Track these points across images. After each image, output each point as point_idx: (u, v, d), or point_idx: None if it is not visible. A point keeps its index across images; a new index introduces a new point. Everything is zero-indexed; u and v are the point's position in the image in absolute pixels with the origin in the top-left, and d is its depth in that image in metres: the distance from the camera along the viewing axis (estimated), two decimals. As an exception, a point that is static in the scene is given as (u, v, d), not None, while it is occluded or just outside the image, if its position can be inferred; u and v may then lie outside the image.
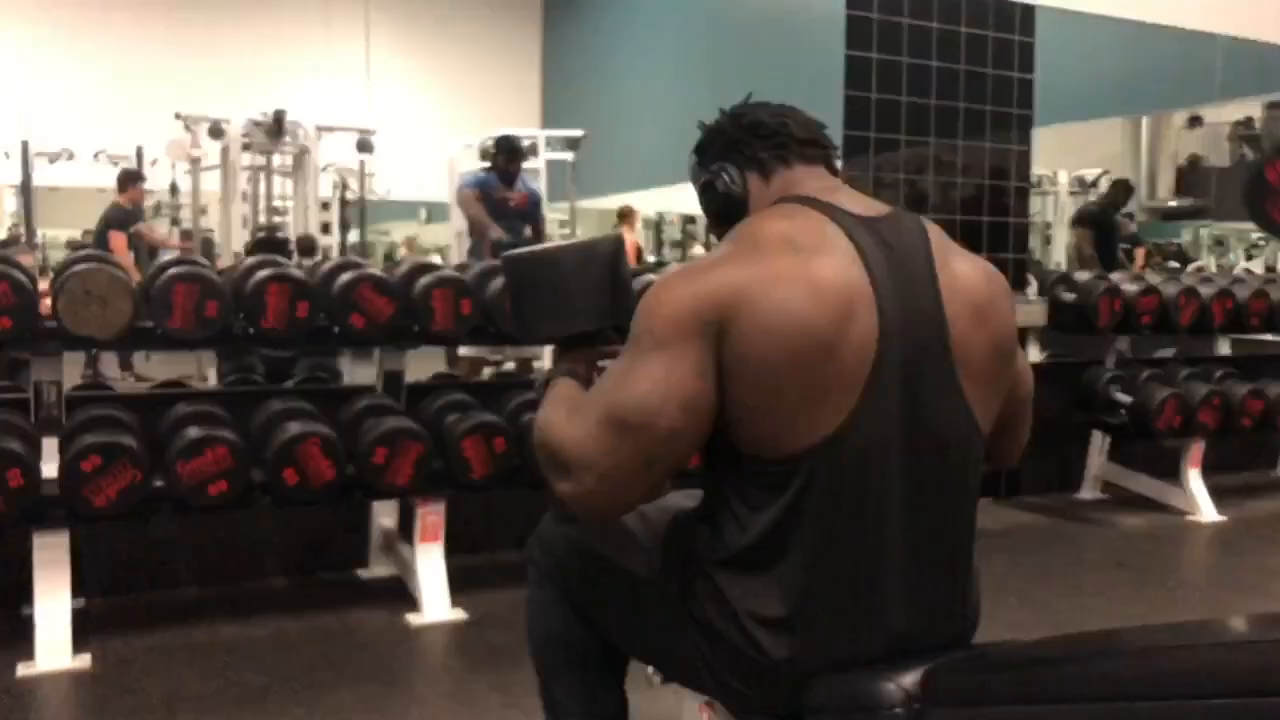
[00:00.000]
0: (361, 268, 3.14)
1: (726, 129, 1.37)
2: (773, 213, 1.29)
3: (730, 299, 1.18)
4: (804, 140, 1.35)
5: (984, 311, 1.27)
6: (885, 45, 4.16)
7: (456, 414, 3.12)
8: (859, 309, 1.19)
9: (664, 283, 1.26)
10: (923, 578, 1.26)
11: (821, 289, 1.18)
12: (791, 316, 1.16)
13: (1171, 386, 4.25)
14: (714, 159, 1.38)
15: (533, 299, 1.49)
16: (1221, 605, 3.21)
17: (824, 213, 1.25)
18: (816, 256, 1.20)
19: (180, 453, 2.63)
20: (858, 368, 1.18)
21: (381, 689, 2.48)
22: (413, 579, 3.05)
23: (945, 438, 1.25)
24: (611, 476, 1.21)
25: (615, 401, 1.22)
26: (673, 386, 1.19)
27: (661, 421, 1.19)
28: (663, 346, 1.20)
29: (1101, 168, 10.93)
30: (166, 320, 2.75)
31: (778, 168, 1.34)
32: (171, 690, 2.44)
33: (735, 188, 1.35)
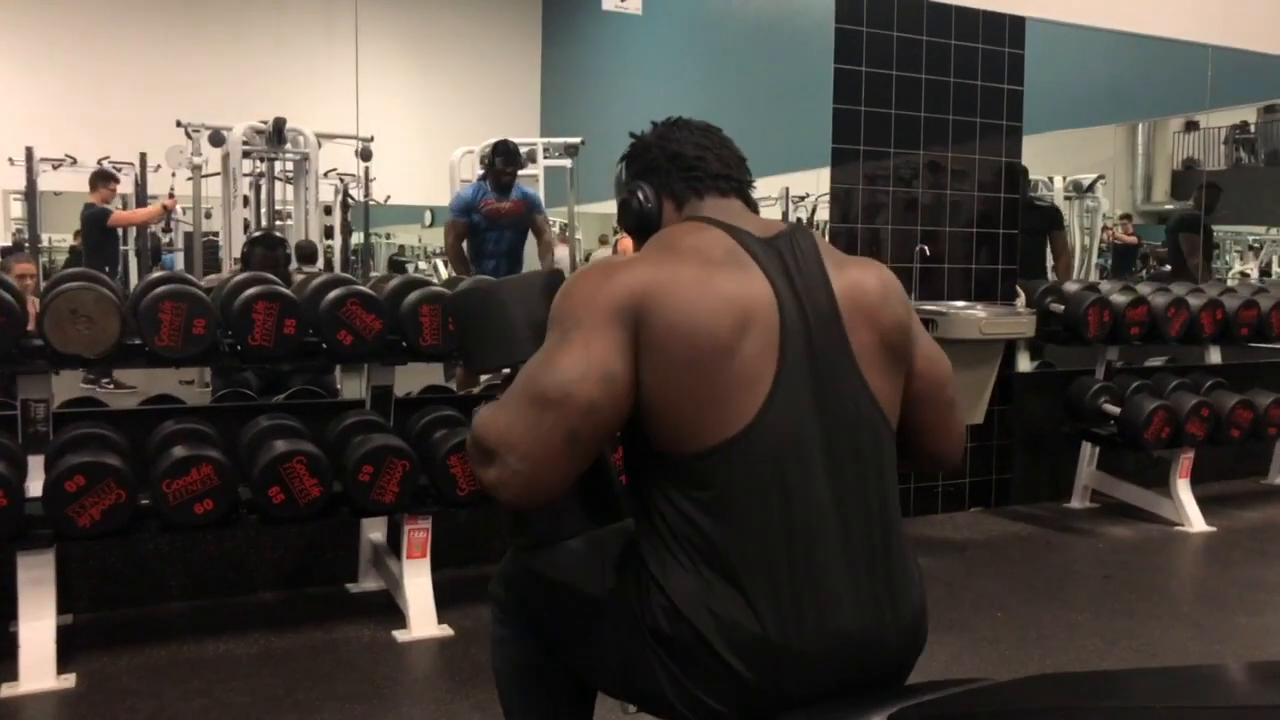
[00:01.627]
0: (350, 284, 3.15)
1: (652, 150, 1.48)
2: (684, 227, 1.40)
3: (643, 293, 1.27)
4: (717, 174, 1.45)
5: (875, 308, 1.37)
6: (874, 59, 4.17)
7: (444, 430, 3.14)
8: (760, 314, 1.28)
9: (581, 275, 1.34)
10: (860, 569, 1.30)
11: (725, 296, 1.28)
12: (696, 319, 1.25)
13: (1160, 398, 4.26)
14: (635, 175, 1.49)
15: (475, 331, 1.55)
16: (1207, 621, 3.22)
17: (727, 231, 1.36)
18: (722, 268, 1.31)
19: (166, 472, 2.65)
20: (762, 367, 1.27)
21: (366, 708, 2.49)
22: (400, 594, 3.06)
23: (855, 423, 1.32)
24: (533, 454, 1.24)
25: (535, 380, 1.27)
26: (592, 360, 1.25)
27: (581, 393, 1.24)
28: (580, 327, 1.27)
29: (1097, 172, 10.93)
30: (154, 338, 2.76)
31: (690, 197, 1.45)
32: (156, 710, 2.46)
33: (650, 209, 1.46)
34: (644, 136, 1.52)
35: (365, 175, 9.64)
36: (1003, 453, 4.57)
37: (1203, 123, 11.62)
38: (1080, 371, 4.57)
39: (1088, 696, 1.18)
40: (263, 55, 12.10)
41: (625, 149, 1.55)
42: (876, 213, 4.25)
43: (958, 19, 4.32)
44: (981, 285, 4.47)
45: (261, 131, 8.18)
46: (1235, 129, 11.50)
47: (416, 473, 2.90)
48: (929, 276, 4.32)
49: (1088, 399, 4.33)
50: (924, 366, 1.45)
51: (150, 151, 9.62)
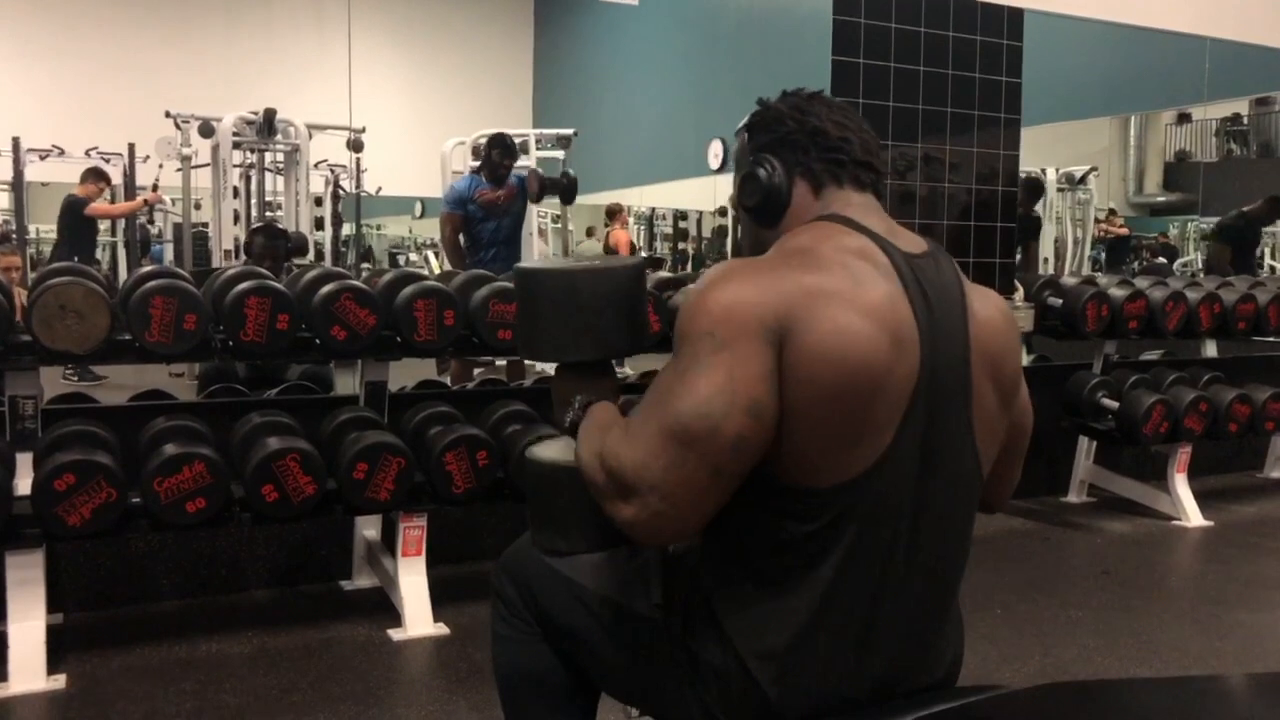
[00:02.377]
0: (343, 279, 3.11)
1: (786, 121, 1.30)
2: (823, 229, 1.23)
3: (789, 308, 1.13)
4: (861, 162, 1.29)
5: (1000, 359, 1.26)
6: (872, 51, 4.13)
7: (439, 427, 3.10)
8: (906, 344, 1.16)
9: (722, 279, 1.17)
10: (913, 624, 1.25)
11: (879, 318, 1.14)
12: (850, 342, 1.12)
13: (1159, 392, 4.25)
14: (764, 147, 1.30)
15: (541, 318, 1.43)
16: (1206, 618, 3.20)
17: (874, 241, 1.21)
18: (872, 283, 1.16)
19: (157, 470, 2.60)
20: (898, 405, 1.15)
21: (360, 709, 2.46)
22: (395, 593, 3.03)
23: (954, 485, 1.24)
24: (677, 495, 1.14)
25: (675, 411, 1.13)
26: (738, 390, 1.11)
27: (728, 428, 1.11)
28: (724, 348, 1.12)
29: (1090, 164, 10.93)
30: (144, 333, 2.71)
31: (829, 184, 1.28)
32: (148, 712, 2.42)
33: (780, 185, 1.28)
34: (774, 104, 1.33)
35: (356, 166, 9.59)
36: (999, 447, 4.54)
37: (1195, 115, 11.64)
38: (1077, 365, 4.56)
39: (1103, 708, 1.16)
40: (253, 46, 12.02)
41: (748, 117, 1.36)
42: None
43: (956, 10, 4.28)
44: (979, 278, 4.43)
45: (252, 122, 8.12)
46: (1227, 121, 11.53)
47: (411, 470, 2.87)
48: (926, 270, 4.30)
49: (1086, 393, 4.32)
50: (1019, 419, 1.36)
51: (139, 142, 9.55)
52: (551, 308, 1.42)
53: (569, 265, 1.47)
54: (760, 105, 1.35)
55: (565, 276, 1.43)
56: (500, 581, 1.54)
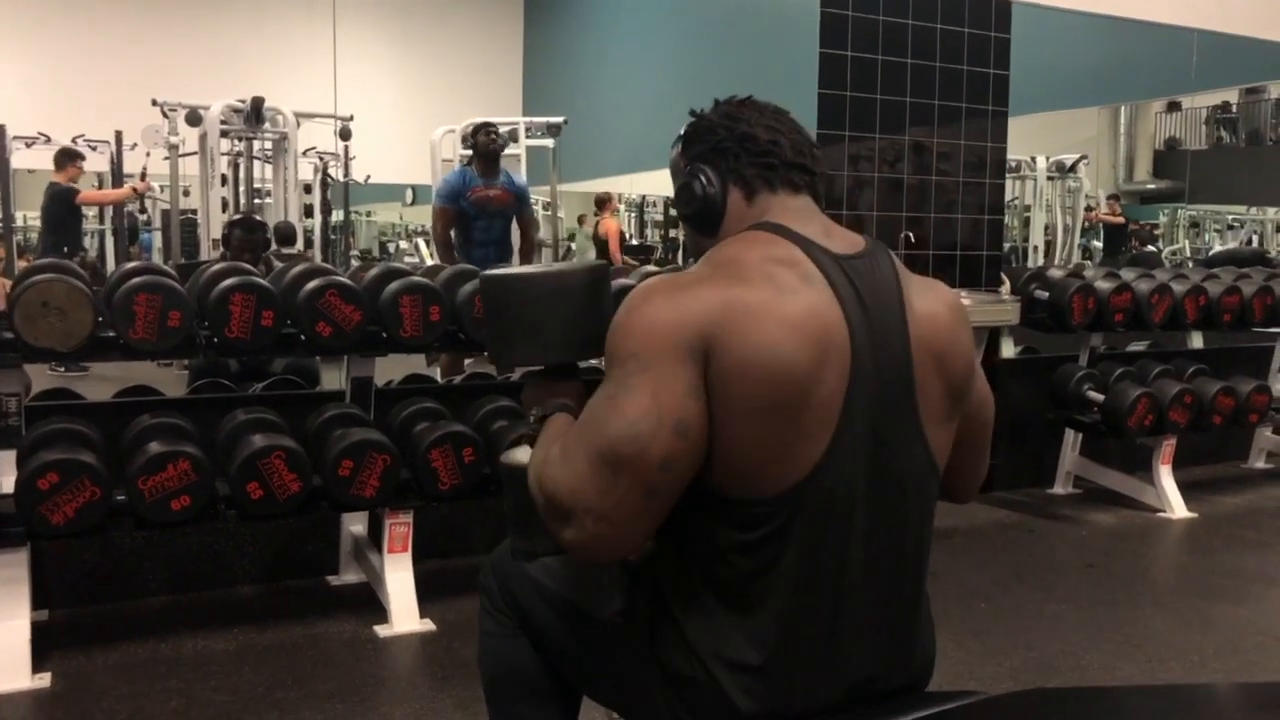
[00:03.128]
0: (329, 274, 3.10)
1: (717, 130, 1.31)
2: (752, 239, 1.24)
3: (712, 325, 1.14)
4: (793, 164, 1.30)
5: (946, 354, 1.27)
6: (860, 43, 4.13)
7: (425, 423, 3.10)
8: (834, 351, 1.17)
9: (643, 300, 1.19)
10: (881, 625, 1.26)
11: (801, 328, 1.15)
12: (772, 355, 1.13)
13: (1144, 385, 4.26)
14: (698, 157, 1.32)
15: (503, 323, 1.44)
16: (1189, 611, 3.23)
17: (801, 247, 1.22)
18: (796, 293, 1.17)
19: (142, 468, 2.60)
20: (830, 411, 1.17)
21: (347, 707, 2.46)
22: (381, 588, 3.03)
23: (906, 480, 1.24)
24: (611, 517, 1.15)
25: (604, 435, 1.15)
26: (665, 410, 1.13)
27: (656, 449, 1.13)
28: (649, 368, 1.14)
29: (1080, 152, 10.95)
30: (128, 330, 2.70)
31: (761, 189, 1.29)
32: (134, 710, 2.42)
33: (714, 195, 1.30)
34: (706, 114, 1.35)
35: (345, 154, 9.56)
36: (986, 439, 4.56)
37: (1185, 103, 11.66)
38: (1064, 357, 4.58)
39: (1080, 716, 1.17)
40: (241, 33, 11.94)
41: (684, 127, 1.37)
42: (861, 198, 4.22)
43: (944, 3, 4.28)
44: (966, 271, 4.45)
45: (239, 111, 8.08)
46: (1217, 109, 11.55)
47: (397, 467, 2.87)
48: (913, 263, 4.29)
49: (1071, 386, 4.33)
50: (975, 410, 1.36)
51: (126, 130, 9.49)
52: (503, 314, 1.43)
53: (529, 270, 1.47)
54: (692, 116, 1.37)
55: (522, 281, 1.44)
56: (487, 579, 1.56)
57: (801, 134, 1.33)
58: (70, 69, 11.26)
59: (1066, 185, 10.78)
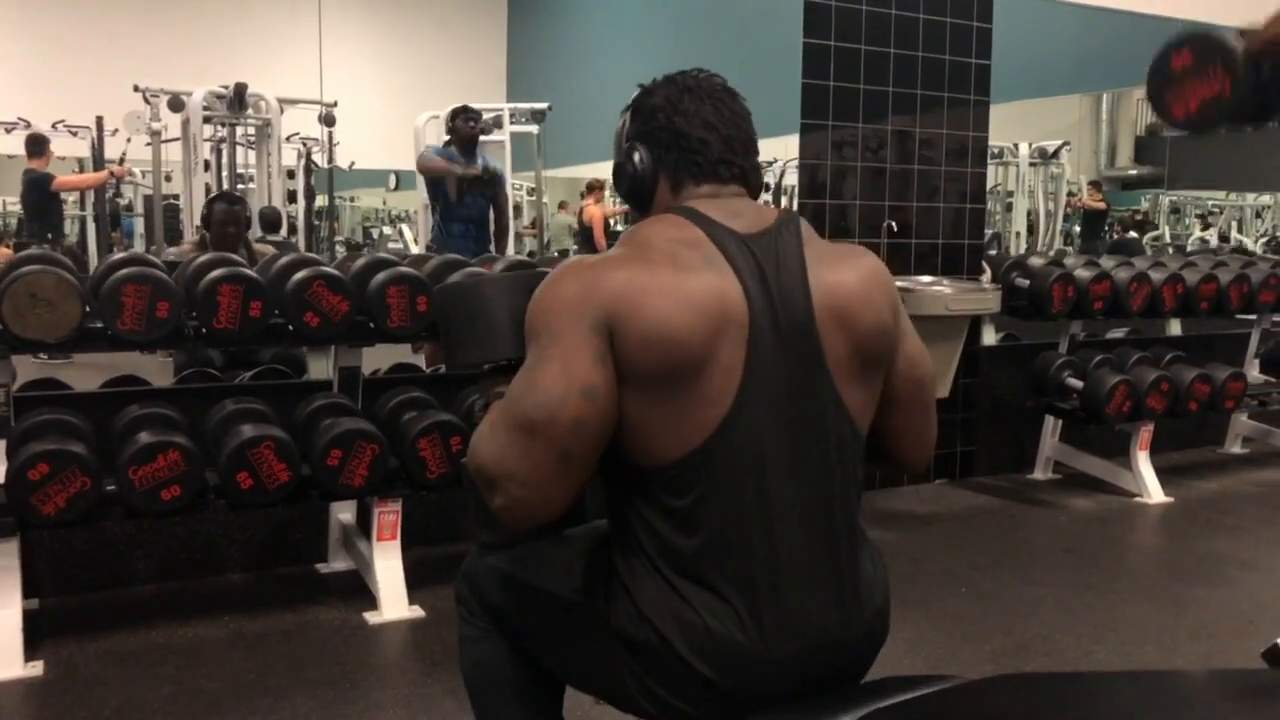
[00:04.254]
0: (316, 265, 3.11)
1: (658, 115, 1.40)
2: (663, 223, 1.35)
3: (615, 302, 1.24)
4: (719, 160, 1.39)
5: (852, 314, 1.33)
6: (843, 33, 4.15)
7: (413, 412, 3.13)
8: (730, 323, 1.26)
9: (554, 279, 1.30)
10: (821, 576, 1.31)
11: (697, 304, 1.25)
12: (668, 329, 1.23)
13: (1122, 372, 4.33)
14: (638, 135, 1.42)
15: (457, 327, 1.52)
16: (1164, 594, 3.29)
17: (705, 229, 1.31)
18: (695, 272, 1.27)
19: (132, 458, 2.62)
20: (730, 378, 1.26)
21: (337, 694, 2.50)
22: (371, 576, 3.06)
23: (823, 437, 1.31)
24: (531, 480, 1.25)
25: (520, 404, 1.26)
26: (573, 376, 1.23)
27: (566, 413, 1.22)
28: (558, 340, 1.25)
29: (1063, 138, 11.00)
30: (116, 321, 2.72)
31: (686, 182, 1.39)
32: (126, 698, 2.45)
33: (644, 176, 1.41)
34: (654, 93, 1.42)
35: (329, 140, 9.52)
36: (967, 425, 4.62)
37: (1167, 90, 11.71)
38: (1044, 345, 4.63)
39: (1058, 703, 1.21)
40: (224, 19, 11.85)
41: (631, 98, 1.46)
42: (844, 188, 4.25)
43: (927, -7, 4.31)
44: (948, 260, 4.50)
45: (222, 97, 8.04)
46: (1198, 96, 11.59)
47: (385, 456, 2.90)
48: (896, 251, 4.34)
49: (1051, 373, 4.39)
50: (904, 367, 1.42)
51: (107, 115, 9.43)
52: (451, 319, 1.53)
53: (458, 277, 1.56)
54: (641, 89, 1.45)
55: (452, 288, 1.56)
56: (460, 587, 1.60)
57: (739, 126, 1.41)
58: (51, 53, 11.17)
59: (1049, 171, 10.84)
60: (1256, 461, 5.05)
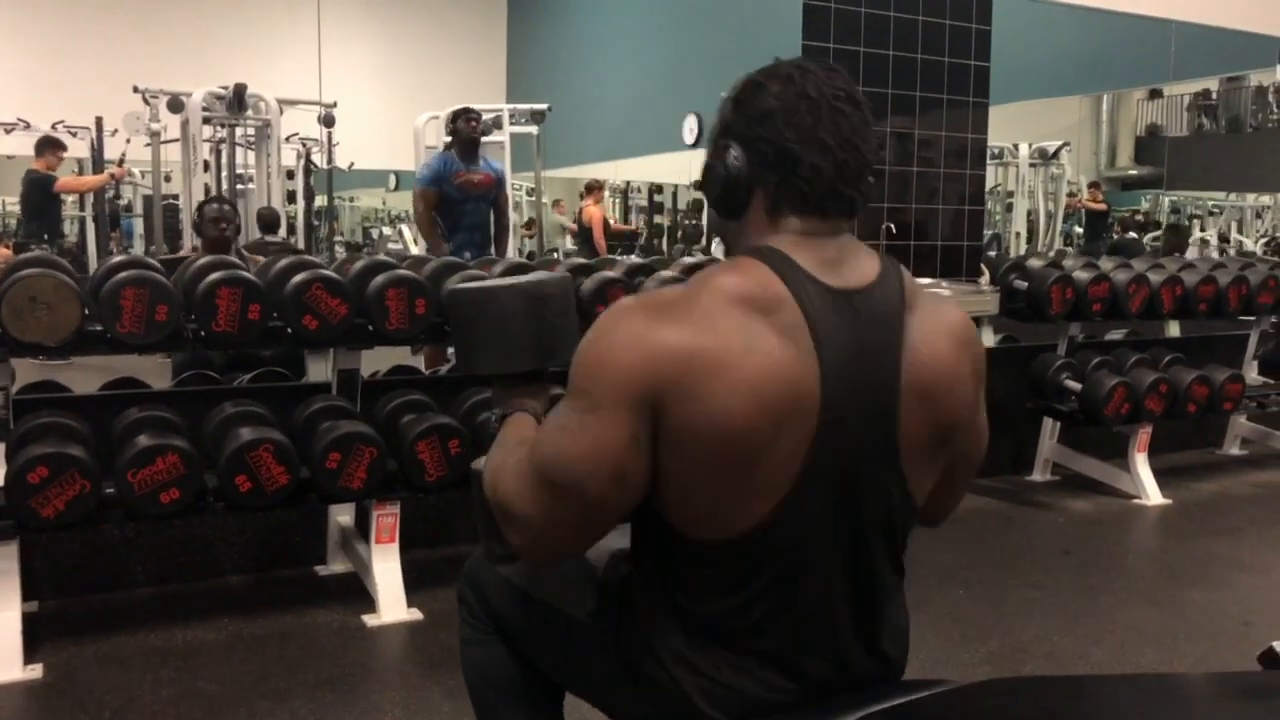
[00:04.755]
0: (315, 268, 3.12)
1: (768, 121, 1.18)
2: (745, 271, 1.17)
3: (666, 381, 1.11)
4: (829, 192, 1.19)
5: (939, 393, 1.22)
6: (842, 35, 4.16)
7: (411, 415, 3.13)
8: (797, 413, 1.13)
9: (610, 328, 1.16)
10: (853, 632, 1.27)
11: (760, 392, 1.11)
12: (724, 422, 1.11)
13: (1120, 374, 4.33)
14: (738, 137, 1.21)
15: (473, 334, 1.50)
16: (1162, 597, 3.30)
17: (792, 286, 1.15)
18: (767, 351, 1.12)
19: (131, 461, 2.63)
20: (787, 471, 1.15)
21: (335, 696, 2.50)
22: (369, 578, 3.07)
23: (875, 522, 1.24)
24: (547, 534, 1.21)
25: (548, 462, 1.19)
26: (603, 455, 1.14)
27: (592, 488, 1.16)
28: (597, 409, 1.14)
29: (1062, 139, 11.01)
30: (116, 324, 2.72)
31: (785, 209, 1.20)
32: (125, 701, 2.46)
33: (739, 187, 1.21)
34: (764, 90, 1.20)
35: (328, 141, 9.53)
36: (966, 427, 4.62)
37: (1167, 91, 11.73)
38: (1043, 346, 4.64)
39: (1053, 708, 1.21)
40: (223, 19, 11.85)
41: (737, 87, 1.24)
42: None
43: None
44: (946, 261, 4.50)
45: (221, 97, 8.06)
46: (1198, 96, 11.61)
47: (384, 459, 2.90)
48: (894, 254, 4.34)
49: (1050, 375, 4.39)
50: (966, 447, 1.33)
51: (107, 116, 9.43)
52: (470, 327, 1.48)
53: (484, 282, 1.52)
54: (754, 80, 1.22)
55: (476, 293, 1.50)
56: (463, 589, 1.60)
57: (856, 148, 1.19)
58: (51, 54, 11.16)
59: (1050, 172, 10.85)
60: (1255, 463, 5.05)
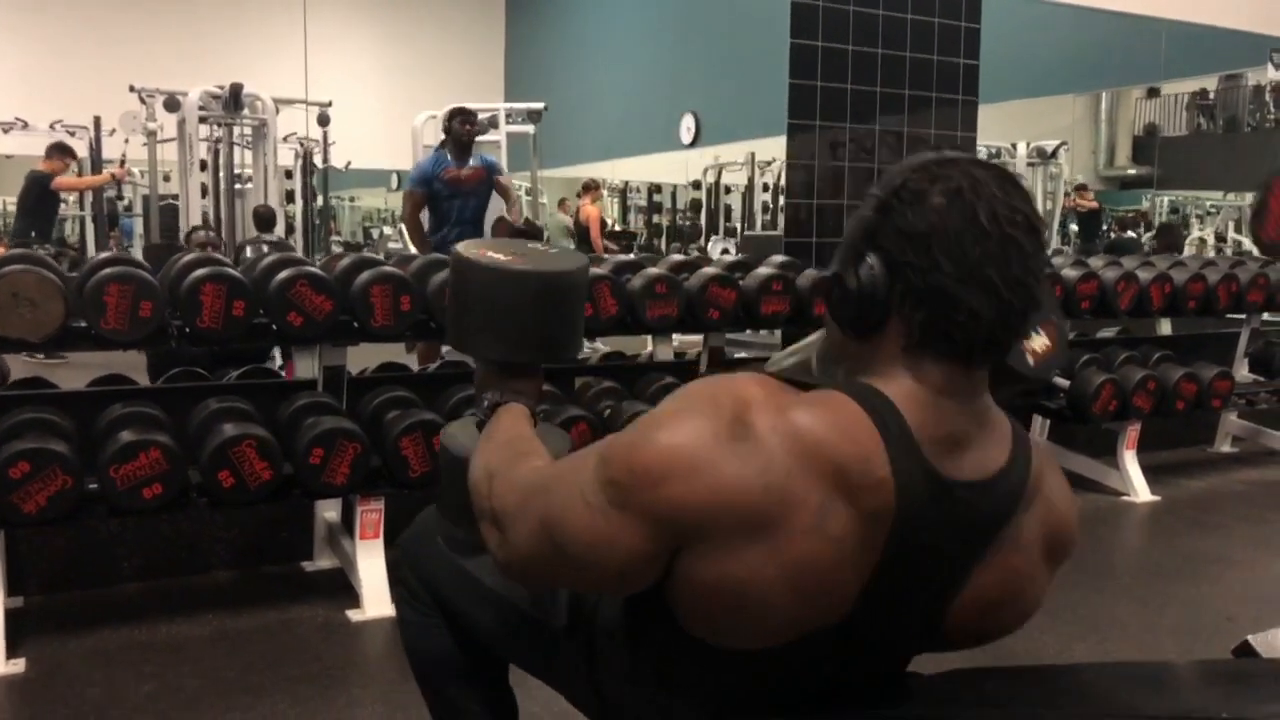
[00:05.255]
0: (300, 264, 3.13)
1: (922, 247, 0.97)
2: (844, 422, 0.97)
3: (714, 523, 0.95)
4: (985, 343, 0.99)
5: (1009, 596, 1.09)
6: (831, 33, 4.16)
7: (396, 411, 3.14)
8: (835, 614, 1.01)
9: (669, 433, 0.98)
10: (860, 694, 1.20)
11: (807, 597, 0.98)
12: (752, 611, 0.99)
13: (1109, 371, 4.33)
14: (883, 253, 0.99)
15: (477, 314, 1.37)
16: (1147, 592, 3.30)
17: (896, 462, 0.96)
18: (837, 526, 0.95)
19: (114, 456, 2.64)
20: (811, 627, 1.03)
21: (317, 690, 2.51)
22: (354, 574, 3.08)
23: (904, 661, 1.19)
24: (532, 573, 1.13)
25: (555, 523, 1.04)
26: (616, 554, 1.01)
27: (593, 572, 1.05)
28: (625, 511, 0.99)
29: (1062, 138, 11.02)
30: (100, 321, 2.74)
31: (925, 351, 1.00)
32: (106, 695, 2.46)
33: (870, 308, 1.00)
34: (926, 201, 0.97)
35: (324, 140, 9.56)
36: (956, 425, 4.62)
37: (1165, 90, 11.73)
38: (1032, 344, 4.63)
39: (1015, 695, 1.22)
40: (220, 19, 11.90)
41: (884, 184, 1.02)
42: (832, 187, 4.27)
43: (914, -7, 4.32)
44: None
45: (218, 97, 8.08)
46: (1196, 96, 11.61)
47: (368, 455, 2.91)
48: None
49: (1038, 372, 4.39)
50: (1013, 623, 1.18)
51: (105, 116, 9.47)
52: (471, 302, 1.37)
53: (503, 260, 1.35)
54: (913, 184, 0.99)
55: (494, 273, 1.35)
56: (402, 569, 1.58)
57: (1025, 286, 0.99)
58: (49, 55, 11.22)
59: (1048, 171, 10.86)
60: (1246, 461, 5.05)
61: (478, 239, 1.30)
